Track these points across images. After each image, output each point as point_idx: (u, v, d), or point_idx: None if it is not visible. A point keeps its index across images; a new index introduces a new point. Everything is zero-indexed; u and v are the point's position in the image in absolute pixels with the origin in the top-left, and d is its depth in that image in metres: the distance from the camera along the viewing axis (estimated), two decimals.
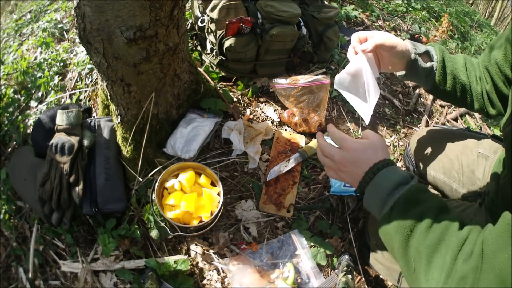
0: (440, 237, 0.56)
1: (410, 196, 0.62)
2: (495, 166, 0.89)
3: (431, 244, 0.56)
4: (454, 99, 0.93)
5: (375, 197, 0.67)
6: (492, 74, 0.86)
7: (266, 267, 1.15)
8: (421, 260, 0.56)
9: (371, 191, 0.67)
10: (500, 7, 8.31)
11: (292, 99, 1.45)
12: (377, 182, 0.67)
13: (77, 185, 1.12)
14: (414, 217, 0.60)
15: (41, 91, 1.68)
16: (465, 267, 0.51)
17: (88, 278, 1.14)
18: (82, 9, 0.84)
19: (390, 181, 0.65)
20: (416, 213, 0.60)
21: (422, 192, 0.63)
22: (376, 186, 0.67)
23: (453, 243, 0.54)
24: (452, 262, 0.53)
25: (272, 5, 1.43)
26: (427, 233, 0.57)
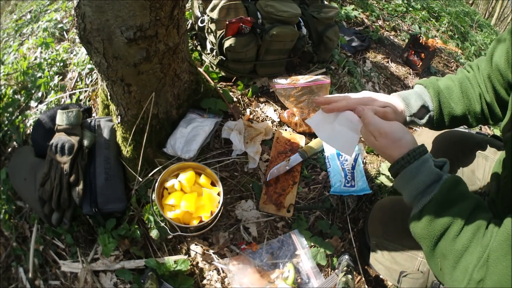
0: (466, 244, 0.59)
1: (440, 198, 0.63)
2: (495, 166, 0.89)
3: (457, 251, 0.60)
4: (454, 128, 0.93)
5: (407, 190, 0.68)
6: (494, 83, 0.83)
7: (266, 267, 1.15)
8: (447, 263, 0.61)
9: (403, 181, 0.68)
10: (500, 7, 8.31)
11: (292, 99, 1.45)
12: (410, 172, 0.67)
13: (77, 185, 1.12)
14: (442, 225, 0.62)
15: (41, 91, 1.68)
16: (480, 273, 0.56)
17: (88, 278, 1.14)
18: (82, 9, 0.84)
19: (422, 179, 0.65)
20: (445, 220, 0.62)
21: (453, 190, 0.64)
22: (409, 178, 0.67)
23: (477, 251, 0.58)
24: (473, 268, 0.57)
25: (272, 5, 1.43)
26: (454, 241, 0.60)
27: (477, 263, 0.57)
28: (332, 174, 1.34)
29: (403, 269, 0.95)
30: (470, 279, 0.57)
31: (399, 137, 0.70)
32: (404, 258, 0.95)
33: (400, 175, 0.69)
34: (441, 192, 0.63)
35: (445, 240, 0.62)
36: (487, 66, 0.85)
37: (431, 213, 0.63)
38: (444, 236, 0.62)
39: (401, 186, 0.70)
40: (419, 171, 0.66)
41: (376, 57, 2.18)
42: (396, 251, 0.98)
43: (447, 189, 0.63)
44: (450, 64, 2.67)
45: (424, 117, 0.86)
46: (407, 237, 0.97)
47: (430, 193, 0.64)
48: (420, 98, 0.85)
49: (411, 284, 0.92)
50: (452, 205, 0.63)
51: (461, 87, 0.87)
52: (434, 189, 0.64)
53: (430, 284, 0.90)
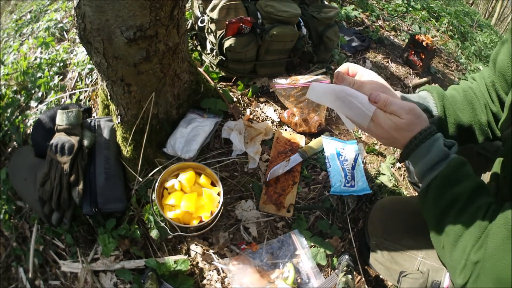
0: (467, 224, 0.62)
1: (446, 175, 0.67)
2: (495, 166, 0.89)
3: (458, 230, 0.63)
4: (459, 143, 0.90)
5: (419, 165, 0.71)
6: (498, 90, 0.82)
7: (266, 267, 1.15)
8: (449, 241, 0.65)
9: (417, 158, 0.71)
10: (500, 7, 8.31)
11: (292, 99, 1.45)
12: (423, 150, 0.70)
13: (77, 185, 1.12)
14: (446, 201, 0.66)
15: (41, 91, 1.68)
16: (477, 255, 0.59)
17: (88, 278, 1.14)
18: (82, 9, 0.84)
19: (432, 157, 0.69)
20: (449, 197, 0.65)
21: (458, 168, 0.67)
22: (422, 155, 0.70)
23: (475, 232, 0.61)
24: (471, 249, 0.60)
25: (272, 5, 1.43)
26: (456, 218, 0.64)
27: (474, 244, 0.60)
28: (332, 174, 1.34)
29: (403, 269, 0.95)
30: (467, 260, 0.60)
31: (420, 112, 0.72)
32: (404, 258, 0.95)
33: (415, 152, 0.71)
34: (447, 169, 0.67)
35: (448, 217, 0.65)
36: (490, 73, 0.83)
37: (436, 188, 0.67)
38: (448, 213, 0.65)
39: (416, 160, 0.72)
40: (431, 148, 0.69)
41: (376, 57, 2.18)
42: (396, 251, 0.98)
43: (452, 167, 0.67)
44: (450, 64, 2.67)
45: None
46: (407, 237, 0.97)
47: (437, 169, 0.68)
48: (424, 101, 0.84)
49: (411, 284, 0.92)
50: (456, 183, 0.66)
51: (465, 96, 0.85)
52: (440, 166, 0.68)
53: (430, 284, 0.90)
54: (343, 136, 1.56)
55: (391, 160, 1.55)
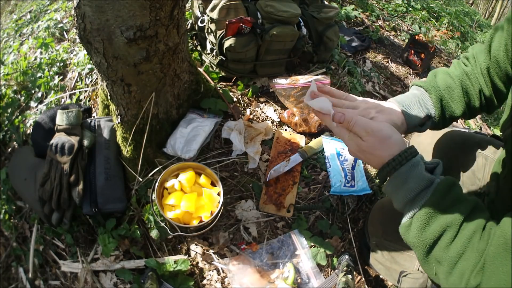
0: (461, 251, 0.57)
1: (431, 206, 0.59)
2: (495, 166, 0.89)
3: (452, 257, 0.57)
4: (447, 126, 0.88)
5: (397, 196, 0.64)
6: (493, 76, 0.80)
7: (266, 267, 1.15)
8: (442, 269, 0.59)
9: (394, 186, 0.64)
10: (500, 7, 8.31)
11: (292, 99, 1.45)
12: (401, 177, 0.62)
13: (77, 185, 1.12)
14: (434, 233, 0.59)
15: (41, 91, 1.68)
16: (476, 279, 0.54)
17: (88, 278, 1.14)
18: (82, 9, 0.84)
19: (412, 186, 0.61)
20: (437, 229, 0.58)
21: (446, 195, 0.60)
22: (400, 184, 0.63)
23: (473, 257, 0.56)
24: (470, 274, 0.55)
25: (272, 5, 1.43)
26: (448, 248, 0.58)
27: (473, 269, 0.55)
28: (332, 174, 1.34)
29: (403, 269, 0.95)
30: (467, 285, 0.55)
31: (388, 135, 0.65)
32: (404, 258, 0.95)
33: (390, 179, 0.64)
34: (432, 200, 0.60)
35: (438, 247, 0.59)
36: (486, 59, 0.81)
37: (421, 221, 0.60)
38: (438, 244, 0.59)
39: (391, 191, 0.65)
40: (409, 176, 0.62)
41: (376, 57, 2.18)
42: (396, 251, 0.98)
43: (438, 196, 0.60)
44: (450, 64, 2.67)
45: (426, 124, 0.81)
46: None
47: (420, 200, 0.61)
48: (422, 107, 0.79)
49: (411, 284, 0.92)
50: (445, 211, 0.59)
51: (461, 86, 0.83)
52: (424, 196, 0.61)
53: (430, 284, 0.90)
54: None
55: None
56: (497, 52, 0.77)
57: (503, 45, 0.75)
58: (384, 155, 0.64)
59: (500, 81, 0.80)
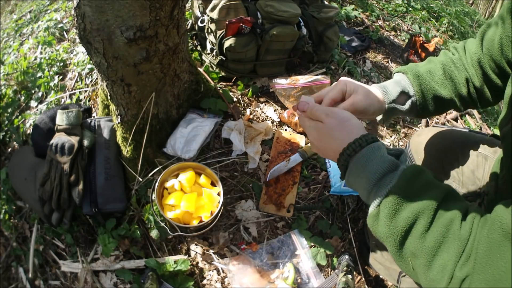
0: (439, 240, 0.51)
1: (400, 190, 0.54)
2: (495, 166, 0.89)
3: (429, 248, 0.51)
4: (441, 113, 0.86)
5: (360, 182, 0.59)
6: (485, 68, 0.78)
7: (266, 267, 1.15)
8: (419, 262, 0.52)
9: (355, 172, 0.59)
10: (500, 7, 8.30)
11: (292, 99, 1.45)
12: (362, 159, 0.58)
13: (77, 185, 1.12)
14: (406, 220, 0.53)
15: (41, 91, 1.68)
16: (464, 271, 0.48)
17: (88, 278, 1.14)
18: (82, 9, 0.84)
19: (374, 167, 0.56)
20: (409, 215, 0.53)
21: (414, 179, 0.54)
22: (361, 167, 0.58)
23: (454, 246, 0.50)
24: (453, 265, 0.49)
25: (272, 5, 1.43)
26: (423, 237, 0.52)
27: (457, 259, 0.49)
28: (332, 174, 1.34)
29: None
30: (451, 278, 0.49)
31: (347, 117, 0.63)
32: None
33: (350, 166, 0.60)
34: (400, 183, 0.54)
35: (412, 237, 0.53)
36: (477, 51, 0.79)
37: (390, 208, 0.54)
38: (411, 233, 0.53)
39: (354, 179, 0.60)
40: (371, 158, 0.57)
41: (376, 57, 2.18)
42: None
43: (406, 179, 0.54)
44: None
45: (406, 103, 0.79)
46: None
47: (386, 185, 0.55)
48: (398, 85, 0.79)
49: (411, 284, 0.92)
50: (415, 196, 0.53)
51: (444, 70, 0.81)
52: (391, 180, 0.55)
53: None
54: None
55: None
56: (490, 46, 0.76)
57: (497, 39, 0.74)
58: (344, 137, 0.61)
59: (493, 73, 0.78)
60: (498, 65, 0.77)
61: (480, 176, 1.01)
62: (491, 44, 0.76)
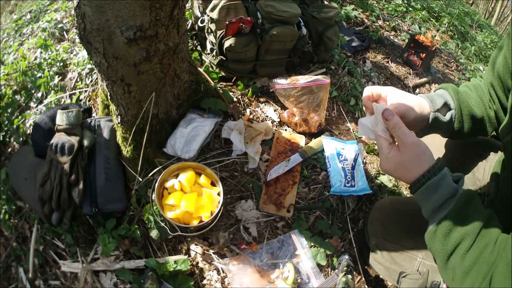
0: (474, 261, 0.62)
1: (455, 213, 0.66)
2: (495, 166, 0.89)
3: (465, 267, 0.62)
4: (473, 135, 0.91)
5: (427, 204, 0.70)
6: (497, 90, 0.84)
7: (266, 267, 1.15)
8: (457, 275, 0.64)
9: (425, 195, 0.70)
10: (500, 7, 8.31)
11: (292, 99, 1.45)
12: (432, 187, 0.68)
13: (77, 185, 1.12)
14: (455, 239, 0.64)
15: (41, 91, 1.68)
16: None
17: (88, 278, 1.14)
18: (82, 9, 0.84)
19: (441, 193, 0.67)
20: (458, 236, 0.64)
21: (468, 204, 0.66)
22: (430, 193, 0.69)
23: (483, 269, 0.60)
24: (481, 283, 0.60)
25: (272, 5, 1.43)
26: (464, 256, 0.63)
27: (482, 280, 0.59)
28: (332, 174, 1.34)
29: (402, 270, 0.95)
30: None
31: (422, 151, 0.71)
32: (404, 259, 0.95)
33: (421, 189, 0.70)
34: (457, 207, 0.65)
35: (456, 255, 0.64)
36: (490, 75, 0.86)
37: (446, 228, 0.66)
38: (456, 251, 0.64)
39: (422, 199, 0.71)
40: (439, 185, 0.68)
41: (376, 57, 2.18)
42: (395, 251, 0.98)
43: (462, 204, 0.65)
44: (450, 64, 2.67)
45: (447, 114, 0.85)
46: (406, 237, 0.97)
47: (446, 208, 0.67)
48: (441, 97, 0.85)
49: (411, 285, 0.92)
50: (466, 220, 0.64)
51: (476, 92, 0.88)
52: (450, 204, 0.66)
53: (429, 284, 0.90)
54: (343, 136, 1.56)
55: None
56: (499, 66, 0.81)
57: (503, 58, 0.79)
58: (418, 169, 0.70)
59: (503, 94, 0.83)
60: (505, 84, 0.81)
61: (481, 176, 1.01)
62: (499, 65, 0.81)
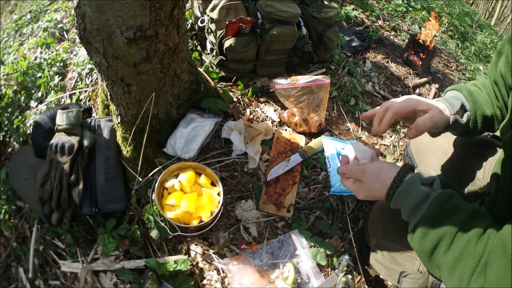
0: (458, 257, 0.62)
1: (428, 216, 0.67)
2: (495, 166, 0.89)
3: (450, 262, 0.63)
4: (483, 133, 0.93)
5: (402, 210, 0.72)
6: (500, 87, 0.85)
7: (266, 267, 1.15)
8: (443, 274, 0.65)
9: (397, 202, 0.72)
10: (500, 7, 8.31)
11: (292, 99, 1.45)
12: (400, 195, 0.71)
13: (77, 185, 1.12)
14: (432, 242, 0.65)
15: (41, 91, 1.68)
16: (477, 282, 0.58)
17: (88, 278, 1.14)
18: (82, 9, 0.84)
19: (410, 200, 0.69)
20: (434, 237, 0.65)
21: (443, 206, 0.66)
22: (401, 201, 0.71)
23: (470, 262, 0.60)
24: (469, 278, 0.59)
25: (272, 5, 1.43)
26: (445, 254, 0.64)
27: (471, 272, 0.59)
28: (332, 174, 1.34)
29: (403, 269, 0.95)
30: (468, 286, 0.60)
31: (378, 168, 0.75)
32: (404, 258, 0.95)
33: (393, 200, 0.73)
34: (429, 210, 0.67)
35: (437, 253, 0.65)
36: (493, 72, 0.86)
37: (420, 231, 0.67)
38: (436, 250, 0.65)
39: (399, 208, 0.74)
40: (408, 192, 0.70)
41: (376, 57, 2.18)
42: (396, 251, 0.98)
43: (435, 207, 0.67)
44: (450, 64, 2.67)
45: (464, 116, 0.86)
46: (406, 237, 0.97)
47: (419, 212, 0.68)
48: (457, 99, 0.86)
49: (411, 284, 0.92)
50: (442, 220, 0.65)
51: (486, 91, 0.89)
52: (422, 208, 0.68)
53: (430, 284, 0.90)
54: (343, 136, 1.56)
55: (391, 160, 1.55)
56: (501, 65, 0.82)
57: (505, 56, 0.80)
58: (383, 185, 0.73)
59: (506, 92, 0.84)
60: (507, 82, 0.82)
61: (481, 176, 1.01)
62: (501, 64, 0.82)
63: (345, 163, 0.84)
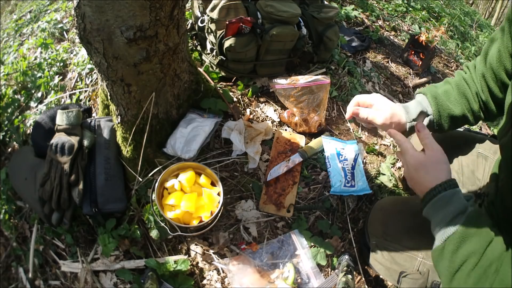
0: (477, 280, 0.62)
1: (463, 231, 0.66)
2: (495, 166, 0.89)
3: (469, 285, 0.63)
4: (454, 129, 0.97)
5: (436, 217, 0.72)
6: (488, 81, 0.86)
7: (266, 267, 1.15)
8: None
9: (435, 208, 0.72)
10: (500, 7, 8.31)
11: (292, 99, 1.45)
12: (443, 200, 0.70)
13: (77, 185, 1.12)
14: (462, 257, 0.65)
15: (41, 91, 1.68)
16: None
17: (88, 278, 1.14)
18: (82, 9, 0.84)
19: (451, 208, 0.69)
20: (465, 253, 0.65)
21: (475, 222, 0.66)
22: (441, 206, 0.71)
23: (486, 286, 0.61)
24: None
25: (272, 5, 1.43)
26: (469, 275, 0.64)
27: None
28: (332, 174, 1.34)
29: (402, 270, 0.95)
30: None
31: (444, 160, 0.75)
32: (404, 259, 0.95)
33: (434, 200, 0.72)
34: (466, 223, 0.66)
35: (461, 273, 0.65)
36: (481, 65, 0.88)
37: (454, 244, 0.66)
38: (461, 268, 0.65)
39: (432, 212, 0.73)
40: (451, 200, 0.69)
41: (376, 57, 2.17)
42: (395, 251, 0.98)
43: (471, 221, 0.66)
44: (450, 64, 2.67)
45: (425, 120, 0.91)
46: (407, 237, 0.97)
47: (456, 224, 0.67)
48: (419, 105, 0.91)
49: (411, 284, 0.92)
50: (472, 239, 0.65)
51: (458, 89, 0.91)
52: (459, 220, 0.67)
53: (429, 284, 0.90)
54: (343, 136, 1.56)
55: (391, 160, 1.55)
56: (491, 59, 0.83)
57: (496, 51, 0.81)
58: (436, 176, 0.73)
59: (496, 86, 0.85)
60: (499, 77, 0.83)
61: (480, 176, 1.01)
62: (491, 57, 0.83)
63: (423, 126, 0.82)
